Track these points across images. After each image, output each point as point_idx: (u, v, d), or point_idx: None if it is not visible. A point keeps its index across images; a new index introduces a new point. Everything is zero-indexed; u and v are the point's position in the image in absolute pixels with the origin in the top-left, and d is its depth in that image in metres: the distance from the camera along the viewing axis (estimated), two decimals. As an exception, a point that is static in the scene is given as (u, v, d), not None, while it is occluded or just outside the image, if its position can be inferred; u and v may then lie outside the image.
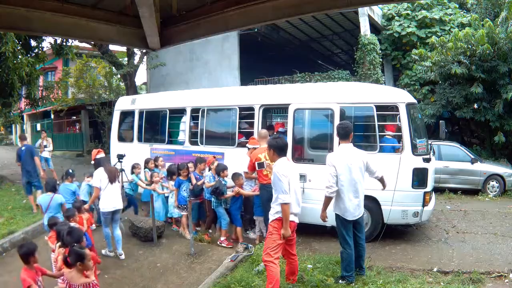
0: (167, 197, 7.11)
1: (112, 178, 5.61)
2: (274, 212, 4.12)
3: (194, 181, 6.68)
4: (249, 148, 6.40)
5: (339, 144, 4.75)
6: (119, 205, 5.75)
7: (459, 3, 14.96)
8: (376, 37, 13.84)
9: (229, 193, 6.25)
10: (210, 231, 6.82)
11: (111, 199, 5.60)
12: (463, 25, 13.52)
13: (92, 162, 6.06)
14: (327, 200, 4.54)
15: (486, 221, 7.32)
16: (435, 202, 6.62)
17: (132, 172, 7.27)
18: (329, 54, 21.62)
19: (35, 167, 8.39)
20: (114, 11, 3.62)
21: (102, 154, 5.94)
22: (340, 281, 4.58)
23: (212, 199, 6.31)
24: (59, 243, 4.08)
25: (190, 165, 6.86)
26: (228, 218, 6.29)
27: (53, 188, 5.80)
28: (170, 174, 7.05)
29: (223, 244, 6.15)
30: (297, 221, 4.23)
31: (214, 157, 6.99)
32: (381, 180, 4.76)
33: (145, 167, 7.49)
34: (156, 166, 7.48)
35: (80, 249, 3.38)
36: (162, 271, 5.35)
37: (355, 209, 4.53)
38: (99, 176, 5.61)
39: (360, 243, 4.74)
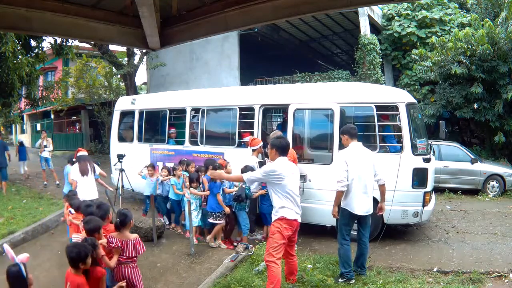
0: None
1: (83, 172, 6.26)
2: (274, 212, 4.13)
3: (206, 185, 6.22)
4: (253, 150, 6.34)
5: (339, 144, 4.76)
6: (94, 196, 6.24)
7: (459, 3, 14.97)
8: (376, 37, 13.84)
9: (259, 191, 6.04)
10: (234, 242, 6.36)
11: (85, 191, 6.11)
12: (463, 25, 13.53)
13: (74, 159, 6.70)
14: (339, 194, 4.58)
15: (486, 221, 7.31)
16: (435, 202, 6.62)
17: (173, 174, 6.96)
18: (329, 54, 21.63)
19: (6, 158, 10.63)
20: (114, 11, 3.61)
21: (82, 152, 6.62)
22: (339, 279, 4.59)
23: (234, 203, 6.03)
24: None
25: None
26: (249, 224, 6.08)
27: (72, 161, 6.86)
28: (191, 180, 6.36)
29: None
30: (299, 220, 4.21)
31: (225, 159, 6.72)
32: (382, 192, 4.72)
33: (185, 170, 7.03)
34: (187, 170, 7.00)
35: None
36: (162, 271, 5.34)
37: (364, 204, 4.56)
38: (74, 171, 6.36)
39: (363, 241, 4.75)
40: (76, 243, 3.38)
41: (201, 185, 6.30)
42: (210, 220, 6.10)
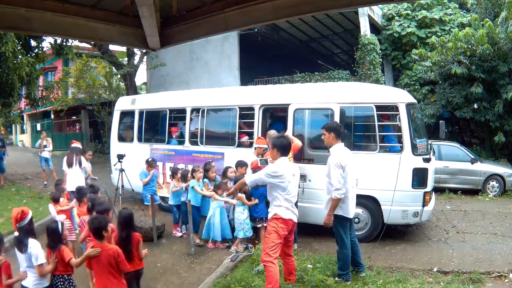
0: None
1: (69, 164, 6.73)
2: (270, 209, 4.17)
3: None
4: (256, 148, 6.34)
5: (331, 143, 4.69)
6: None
7: (459, 3, 14.97)
8: (376, 37, 13.84)
9: None
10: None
11: (71, 181, 6.51)
12: (463, 25, 13.53)
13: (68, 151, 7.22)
14: (336, 203, 4.44)
15: (486, 221, 7.32)
16: (435, 202, 6.62)
17: (193, 177, 6.36)
18: (329, 54, 21.63)
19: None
20: (114, 11, 3.61)
21: (74, 144, 7.10)
22: (336, 278, 4.62)
23: None
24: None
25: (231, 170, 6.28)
26: None
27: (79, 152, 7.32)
28: None
29: None
30: (295, 220, 4.21)
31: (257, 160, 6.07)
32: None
33: (204, 177, 6.50)
34: (207, 177, 6.52)
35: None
36: (162, 271, 5.35)
37: (353, 206, 4.61)
38: (64, 162, 6.90)
39: (353, 241, 4.77)
40: (94, 216, 3.70)
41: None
42: (266, 224, 5.66)
